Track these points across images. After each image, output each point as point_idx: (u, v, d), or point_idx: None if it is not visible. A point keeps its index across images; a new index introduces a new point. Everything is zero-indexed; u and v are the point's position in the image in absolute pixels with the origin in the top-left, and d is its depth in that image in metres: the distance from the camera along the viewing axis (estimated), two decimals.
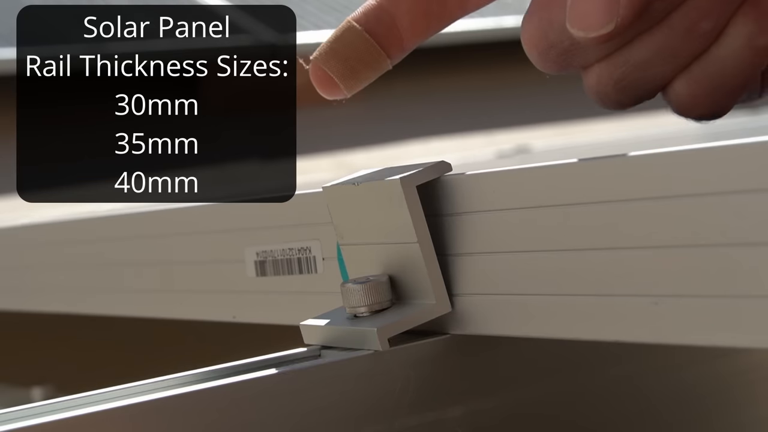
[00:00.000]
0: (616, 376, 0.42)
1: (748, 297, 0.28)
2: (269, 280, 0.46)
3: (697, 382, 0.45)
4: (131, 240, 0.57)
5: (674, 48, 0.34)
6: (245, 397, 0.33)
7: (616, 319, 0.31)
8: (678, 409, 0.44)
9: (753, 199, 0.28)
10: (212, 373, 0.35)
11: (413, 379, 0.36)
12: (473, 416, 0.37)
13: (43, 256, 0.66)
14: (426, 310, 0.36)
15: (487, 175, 0.35)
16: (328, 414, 0.34)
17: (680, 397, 0.44)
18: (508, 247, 0.34)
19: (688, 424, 0.45)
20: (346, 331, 0.36)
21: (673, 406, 0.44)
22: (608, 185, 0.31)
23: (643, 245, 0.31)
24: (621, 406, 0.42)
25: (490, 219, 0.35)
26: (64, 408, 0.32)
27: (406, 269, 0.37)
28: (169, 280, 0.54)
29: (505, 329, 0.35)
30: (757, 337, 0.28)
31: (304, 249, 0.44)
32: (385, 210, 0.37)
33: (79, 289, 0.62)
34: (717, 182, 0.29)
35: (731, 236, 0.29)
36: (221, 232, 0.49)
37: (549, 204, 0.33)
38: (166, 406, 0.32)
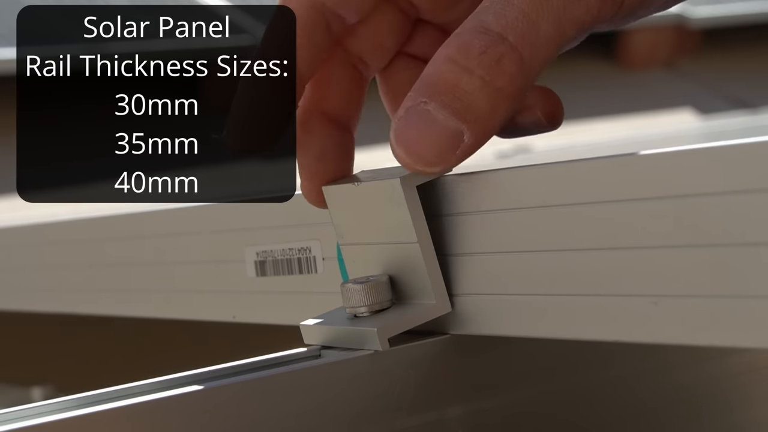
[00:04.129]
0: (617, 376, 0.42)
1: (748, 297, 0.28)
2: (269, 280, 0.46)
3: (696, 382, 0.45)
4: (131, 240, 0.57)
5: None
6: (245, 397, 0.33)
7: (616, 319, 0.31)
8: (678, 409, 0.44)
9: (753, 199, 0.28)
10: (212, 373, 0.35)
11: (413, 379, 0.36)
12: (473, 416, 0.37)
13: (43, 256, 0.66)
14: (426, 310, 0.36)
15: (487, 175, 0.35)
16: (328, 414, 0.34)
17: (679, 398, 0.44)
18: (508, 247, 0.34)
19: (689, 424, 0.45)
20: (346, 331, 0.36)
21: (673, 406, 0.44)
22: (608, 185, 0.31)
23: (643, 245, 0.31)
24: (621, 405, 0.42)
25: (490, 219, 0.35)
26: (64, 408, 0.32)
27: (406, 269, 0.37)
28: (169, 280, 0.54)
29: (505, 329, 0.35)
30: (757, 337, 0.28)
31: (304, 249, 0.44)
32: (385, 210, 0.37)
33: (79, 289, 0.62)
34: (717, 182, 0.29)
35: (731, 236, 0.29)
36: (221, 232, 0.49)
37: (549, 204, 0.33)
38: (166, 406, 0.32)
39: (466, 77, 0.34)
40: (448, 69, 0.34)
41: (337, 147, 0.40)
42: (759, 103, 1.89)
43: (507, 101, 0.34)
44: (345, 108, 0.40)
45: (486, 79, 0.34)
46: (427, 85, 0.34)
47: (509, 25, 0.34)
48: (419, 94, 0.34)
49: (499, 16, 0.34)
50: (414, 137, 0.34)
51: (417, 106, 0.34)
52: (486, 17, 0.34)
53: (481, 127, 0.34)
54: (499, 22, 0.34)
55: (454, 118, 0.34)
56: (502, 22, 0.34)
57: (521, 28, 0.34)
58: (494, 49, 0.34)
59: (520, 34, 0.34)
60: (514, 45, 0.34)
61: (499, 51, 0.34)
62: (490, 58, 0.34)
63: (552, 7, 0.34)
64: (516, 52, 0.34)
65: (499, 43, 0.34)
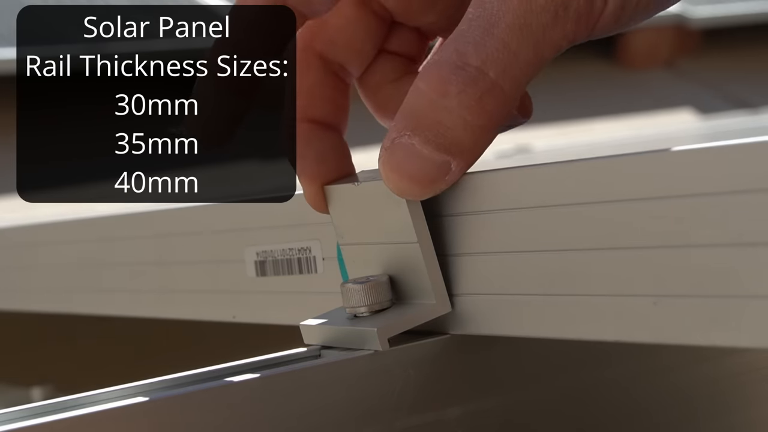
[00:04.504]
0: (617, 376, 0.42)
1: (748, 297, 0.28)
2: (269, 280, 0.46)
3: (695, 382, 0.45)
4: (131, 240, 0.57)
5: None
6: (245, 397, 0.33)
7: (616, 319, 0.31)
8: (678, 409, 0.44)
9: (753, 199, 0.28)
10: (212, 373, 0.35)
11: (413, 379, 0.36)
12: (473, 416, 0.37)
13: (43, 256, 0.66)
14: (426, 310, 0.36)
15: (487, 175, 0.35)
16: (328, 414, 0.34)
17: (680, 398, 0.44)
18: (508, 247, 0.34)
19: (689, 424, 0.45)
20: (346, 331, 0.36)
21: (673, 406, 0.44)
22: (608, 185, 0.31)
23: (643, 245, 0.31)
24: (622, 406, 0.42)
25: (490, 219, 0.35)
26: (64, 408, 0.32)
27: (406, 269, 0.37)
28: (169, 280, 0.54)
29: (505, 329, 0.35)
30: (757, 337, 0.28)
31: (304, 249, 0.44)
32: (385, 210, 0.37)
33: (80, 289, 0.62)
34: (717, 182, 0.29)
35: (731, 236, 0.29)
36: (221, 232, 0.49)
37: (549, 204, 0.33)
38: (165, 406, 0.32)
39: (447, 115, 0.34)
40: (428, 105, 0.34)
41: (334, 149, 0.40)
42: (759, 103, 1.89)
43: (490, 134, 0.35)
44: (332, 114, 0.41)
45: (468, 120, 0.34)
46: (410, 118, 0.34)
47: (489, 58, 0.33)
48: (403, 126, 0.35)
49: (478, 47, 0.33)
50: (402, 169, 0.35)
51: (401, 139, 0.34)
52: (465, 47, 0.34)
53: (467, 157, 0.35)
54: (479, 54, 0.33)
55: (439, 152, 0.34)
56: (482, 54, 0.33)
57: (502, 61, 0.33)
58: (474, 87, 0.33)
59: (502, 68, 0.33)
60: (495, 80, 0.33)
61: (479, 88, 0.33)
62: (470, 98, 0.34)
63: (532, 34, 0.33)
64: (497, 88, 0.34)
65: (479, 79, 0.33)
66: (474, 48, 0.34)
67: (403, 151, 0.34)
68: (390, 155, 0.35)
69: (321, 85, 0.41)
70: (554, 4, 0.33)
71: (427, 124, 0.34)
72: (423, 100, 0.34)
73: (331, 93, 0.41)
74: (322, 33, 0.41)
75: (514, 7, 0.33)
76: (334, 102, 0.41)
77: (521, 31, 0.33)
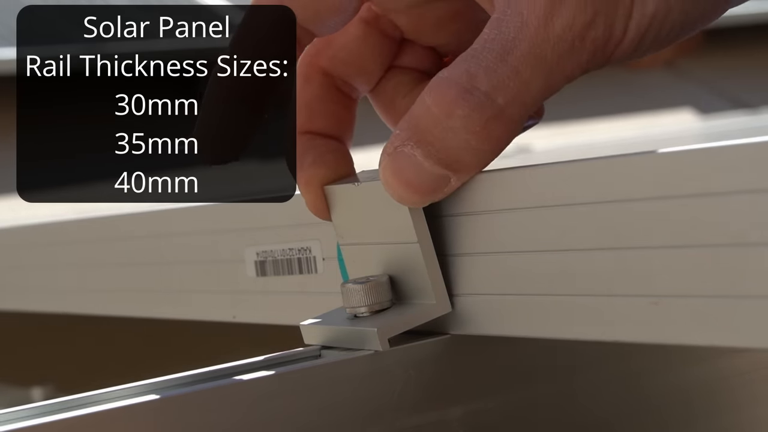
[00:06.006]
0: (616, 376, 0.42)
1: (748, 297, 0.28)
2: (269, 280, 0.46)
3: (695, 382, 0.45)
4: (131, 240, 0.57)
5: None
6: (245, 397, 0.33)
7: (616, 319, 0.31)
8: (678, 409, 0.44)
9: (753, 199, 0.28)
10: (212, 373, 0.35)
11: (413, 379, 0.36)
12: (473, 416, 0.37)
13: (43, 256, 0.66)
14: (426, 311, 0.36)
15: (487, 175, 0.35)
16: (328, 414, 0.34)
17: (679, 398, 0.44)
18: (508, 247, 0.34)
19: (689, 424, 0.45)
20: (346, 331, 0.36)
21: (673, 406, 0.44)
22: (608, 185, 0.31)
23: (643, 245, 0.31)
24: (622, 406, 0.42)
25: (490, 219, 0.35)
26: (64, 408, 0.32)
27: (406, 269, 0.37)
28: (169, 280, 0.54)
29: (505, 329, 0.35)
30: (757, 337, 0.28)
31: (304, 249, 0.44)
32: (385, 210, 0.37)
33: (79, 289, 0.62)
34: (717, 182, 0.29)
35: (731, 236, 0.29)
36: (221, 232, 0.49)
37: (549, 204, 0.33)
38: (166, 406, 0.32)
39: (451, 136, 0.34)
40: (433, 123, 0.34)
41: (332, 153, 0.40)
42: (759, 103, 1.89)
43: (493, 156, 0.35)
44: (334, 128, 0.40)
45: (472, 144, 0.34)
46: (413, 129, 0.34)
47: (500, 85, 0.33)
48: (407, 136, 0.34)
49: (490, 72, 0.33)
50: (402, 176, 0.35)
51: (404, 148, 0.34)
52: (476, 70, 0.33)
53: (467, 174, 0.35)
54: (490, 80, 0.33)
55: (440, 167, 0.34)
56: (492, 80, 0.33)
57: (512, 89, 0.33)
58: (480, 113, 0.33)
59: (511, 96, 0.33)
60: (502, 107, 0.33)
61: (486, 114, 0.33)
62: (476, 123, 0.33)
63: (546, 64, 0.33)
64: (504, 115, 0.33)
65: (486, 105, 0.33)
66: (485, 72, 0.33)
67: (404, 159, 0.34)
68: (391, 161, 0.35)
69: (322, 99, 0.40)
70: (571, 35, 0.33)
71: (430, 140, 0.34)
72: (428, 117, 0.34)
73: (333, 108, 0.41)
74: (327, 49, 0.40)
75: (530, 35, 0.33)
76: (335, 116, 0.40)
77: (535, 61, 0.33)
